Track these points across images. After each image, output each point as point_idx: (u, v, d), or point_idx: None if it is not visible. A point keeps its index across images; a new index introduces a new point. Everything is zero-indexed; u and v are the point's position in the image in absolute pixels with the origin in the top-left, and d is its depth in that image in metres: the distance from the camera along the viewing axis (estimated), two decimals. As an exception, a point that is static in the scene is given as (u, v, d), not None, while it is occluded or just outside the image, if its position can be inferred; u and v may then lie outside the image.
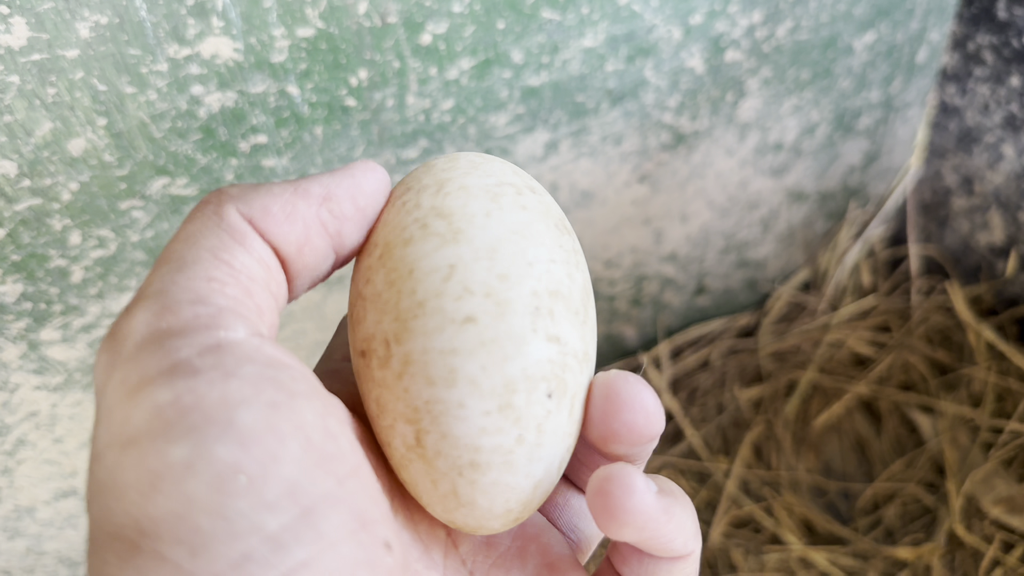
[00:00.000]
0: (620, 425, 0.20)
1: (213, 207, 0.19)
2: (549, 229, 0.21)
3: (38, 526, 0.55)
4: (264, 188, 0.19)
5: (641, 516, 0.18)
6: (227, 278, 0.18)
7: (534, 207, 0.21)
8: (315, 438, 0.16)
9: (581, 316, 0.20)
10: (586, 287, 0.21)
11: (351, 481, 0.17)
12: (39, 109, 0.40)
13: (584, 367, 0.20)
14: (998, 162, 0.72)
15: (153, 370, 0.16)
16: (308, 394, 0.17)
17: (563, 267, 0.20)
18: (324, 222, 0.20)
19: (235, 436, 0.15)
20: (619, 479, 0.18)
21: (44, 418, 0.51)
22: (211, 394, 0.15)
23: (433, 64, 0.49)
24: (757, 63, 0.62)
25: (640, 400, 0.20)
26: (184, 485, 0.15)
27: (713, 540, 0.69)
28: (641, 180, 0.65)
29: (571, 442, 0.21)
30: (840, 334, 0.79)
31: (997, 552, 0.63)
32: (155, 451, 0.15)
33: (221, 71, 0.43)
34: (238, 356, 0.16)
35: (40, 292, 0.46)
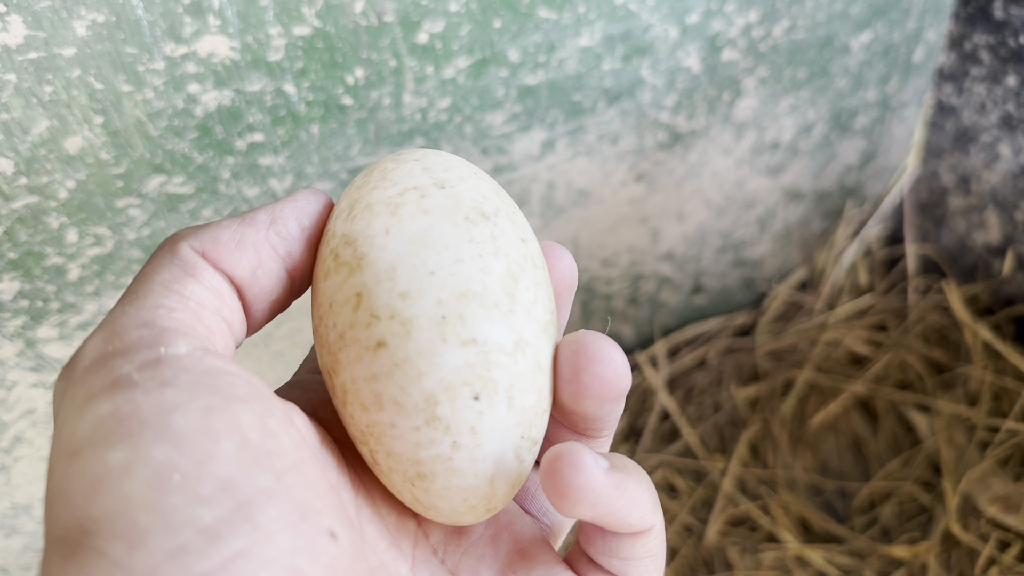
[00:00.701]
0: (591, 378, 0.21)
1: (167, 247, 0.20)
2: (456, 226, 0.21)
3: (35, 524, 0.55)
4: (214, 224, 0.21)
5: (591, 492, 0.19)
6: (176, 305, 0.19)
7: (438, 207, 0.21)
8: (252, 437, 0.17)
9: (505, 305, 0.20)
10: (511, 270, 0.21)
11: (291, 475, 0.17)
12: (36, 107, 0.40)
13: (520, 354, 0.20)
14: (995, 161, 0.72)
15: (97, 386, 0.17)
16: (246, 397, 0.18)
17: (474, 263, 0.20)
18: (273, 245, 0.21)
19: (169, 438, 0.16)
20: (567, 457, 0.19)
21: (41, 415, 0.51)
22: (147, 402, 0.17)
23: (429, 63, 0.49)
24: (754, 62, 0.62)
25: (608, 353, 0.21)
26: (122, 485, 0.16)
27: (709, 538, 0.69)
28: (638, 179, 0.65)
29: (525, 429, 0.21)
30: (837, 333, 0.79)
31: (993, 551, 0.64)
32: (96, 457, 0.16)
33: (218, 69, 0.43)
34: (175, 368, 0.17)
35: (37, 290, 0.46)
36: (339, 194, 0.52)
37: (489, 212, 0.21)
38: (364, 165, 0.51)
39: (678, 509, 0.71)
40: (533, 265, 0.21)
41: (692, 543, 0.69)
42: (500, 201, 0.22)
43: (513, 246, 0.21)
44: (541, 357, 0.21)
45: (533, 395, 0.20)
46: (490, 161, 0.56)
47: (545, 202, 0.61)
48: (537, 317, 0.21)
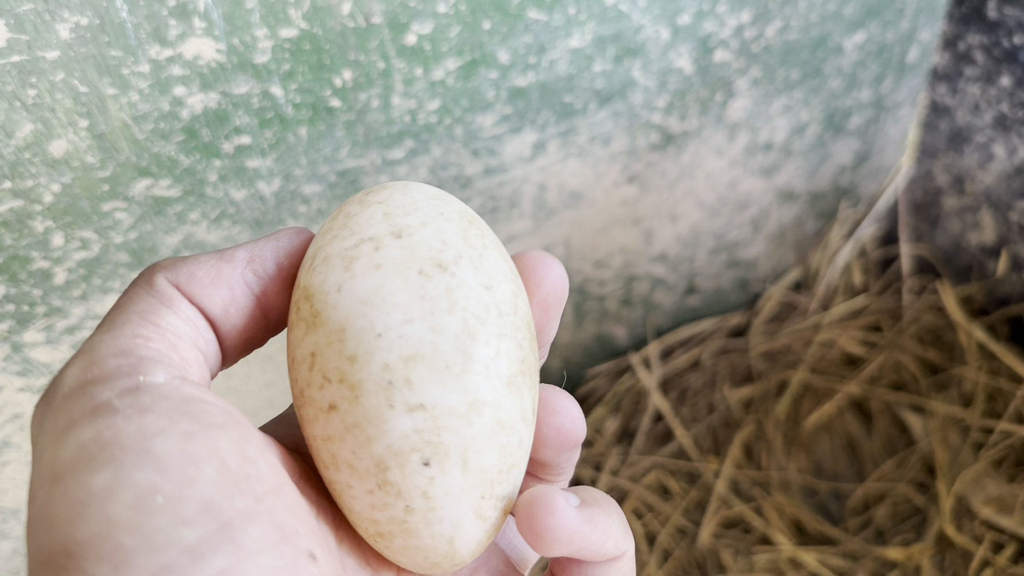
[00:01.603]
0: (548, 429, 0.22)
1: (144, 278, 0.20)
2: (408, 282, 0.20)
3: (23, 528, 0.55)
4: (192, 258, 0.21)
5: (566, 532, 0.20)
6: (153, 335, 0.19)
7: (391, 260, 0.20)
8: (231, 462, 0.17)
9: (458, 365, 0.19)
10: (468, 327, 0.20)
11: (270, 499, 0.18)
12: (20, 111, 0.40)
13: (475, 416, 0.20)
14: (989, 162, 0.71)
15: (78, 413, 0.17)
16: (224, 425, 0.18)
17: (424, 322, 0.19)
18: (248, 283, 0.21)
19: (151, 462, 0.16)
20: (540, 501, 0.20)
21: (28, 420, 0.51)
22: (128, 428, 0.17)
23: (419, 65, 0.48)
24: (746, 63, 0.62)
25: (565, 406, 0.22)
26: (105, 509, 0.16)
27: (703, 540, 0.69)
28: (630, 180, 0.65)
29: (485, 489, 0.20)
30: (831, 334, 0.79)
31: (987, 552, 0.63)
32: (79, 482, 0.16)
33: (204, 72, 0.43)
34: (155, 395, 0.18)
35: (23, 294, 0.46)
36: (327, 197, 0.51)
37: (447, 262, 0.20)
38: (353, 168, 0.51)
39: (671, 511, 0.71)
40: (498, 314, 0.20)
41: (685, 545, 0.69)
42: (465, 245, 0.21)
43: (472, 298, 0.20)
44: (502, 414, 0.20)
45: (493, 455, 0.20)
46: (481, 163, 0.56)
47: (537, 204, 0.61)
48: (499, 372, 0.20)
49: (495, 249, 0.21)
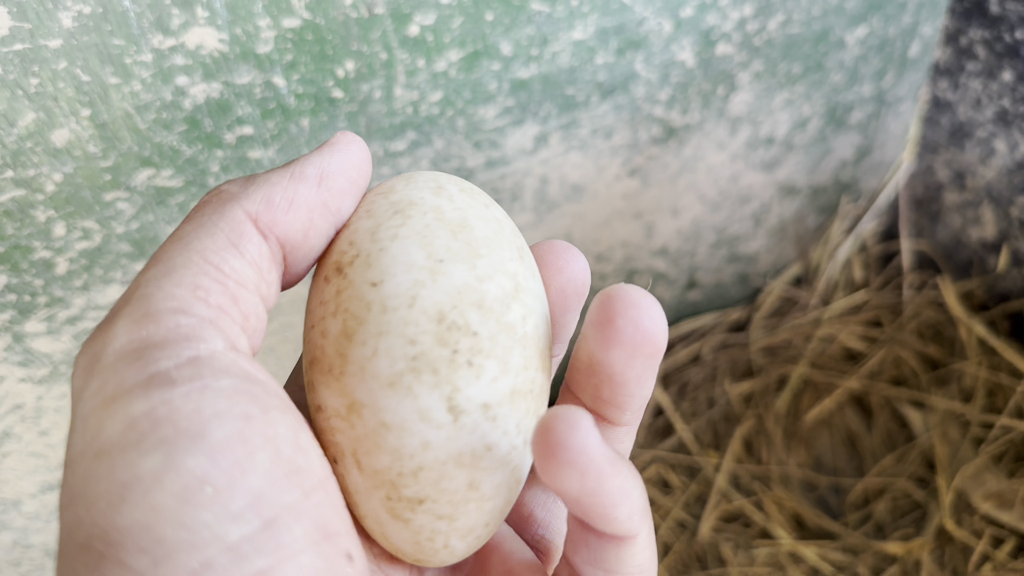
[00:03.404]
0: (625, 322, 0.19)
1: (214, 206, 0.19)
2: (317, 289, 0.21)
3: (24, 519, 0.55)
4: (262, 179, 0.19)
5: (582, 456, 0.17)
6: (214, 285, 0.18)
7: (323, 263, 0.21)
8: (285, 451, 0.17)
9: (337, 367, 0.20)
10: (347, 328, 0.19)
11: (317, 494, 0.17)
12: (22, 99, 0.40)
13: (355, 417, 0.19)
14: (990, 157, 0.71)
15: (130, 381, 0.16)
16: (282, 408, 0.17)
17: (319, 327, 0.20)
18: (325, 202, 0.20)
19: (205, 448, 0.16)
20: (565, 415, 0.17)
21: (29, 411, 0.50)
22: (185, 406, 0.16)
23: (421, 56, 0.48)
24: (748, 57, 0.62)
25: (646, 302, 0.19)
26: (151, 496, 0.15)
27: (703, 534, 0.69)
28: (632, 174, 0.65)
29: (389, 490, 0.20)
30: (831, 329, 0.79)
31: (987, 547, 0.63)
32: (126, 462, 0.15)
33: (206, 62, 0.43)
34: (216, 369, 0.17)
35: (24, 284, 0.46)
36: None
37: (344, 264, 0.20)
38: (355, 159, 0.51)
39: (671, 505, 0.71)
40: (381, 310, 0.19)
41: (685, 539, 0.69)
42: (369, 242, 0.20)
43: (355, 298, 0.19)
44: (385, 416, 0.19)
45: (385, 456, 0.19)
46: (482, 155, 0.56)
47: (538, 197, 0.61)
48: (377, 373, 0.19)
49: (411, 238, 0.20)
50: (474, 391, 0.19)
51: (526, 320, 0.21)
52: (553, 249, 0.22)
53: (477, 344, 0.19)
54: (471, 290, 0.20)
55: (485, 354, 0.19)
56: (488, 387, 0.20)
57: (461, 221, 0.21)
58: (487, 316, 0.20)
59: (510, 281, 0.20)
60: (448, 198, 0.21)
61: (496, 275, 0.20)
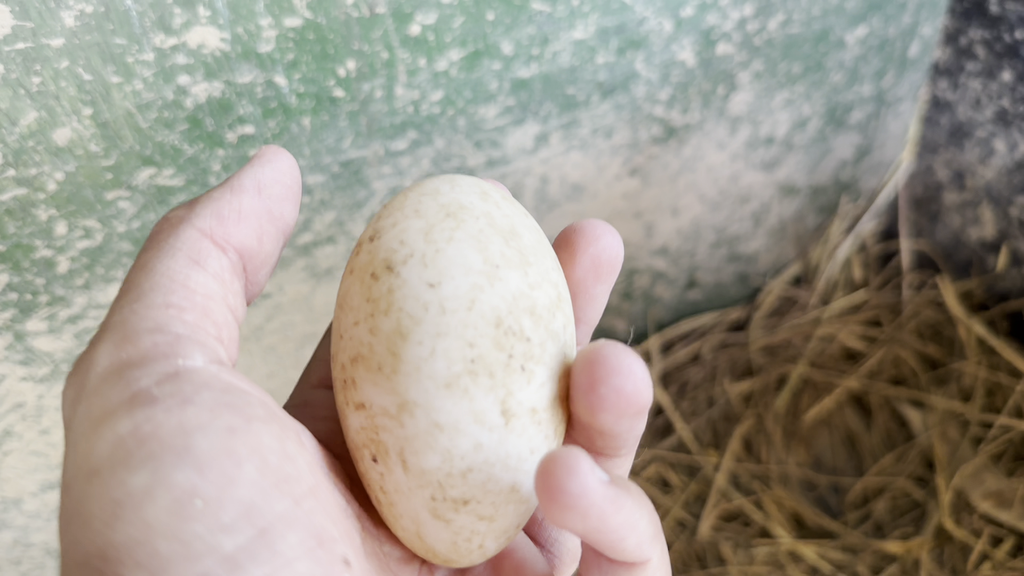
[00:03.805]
0: (608, 390, 0.19)
1: (167, 231, 0.19)
2: (363, 284, 0.20)
3: (25, 518, 0.55)
4: (205, 198, 0.20)
5: (583, 500, 0.17)
6: (184, 302, 0.18)
7: (359, 264, 0.21)
8: (272, 460, 0.17)
9: (388, 366, 0.19)
10: (400, 327, 0.19)
11: (308, 501, 0.17)
12: (24, 98, 0.40)
13: (406, 416, 0.19)
14: (989, 157, 0.72)
15: (114, 401, 0.17)
16: (265, 418, 0.18)
17: (366, 324, 0.20)
18: (269, 209, 0.21)
19: (192, 462, 0.16)
20: (562, 460, 0.17)
21: (30, 409, 0.51)
22: (169, 422, 0.16)
23: (422, 55, 0.48)
24: (748, 56, 0.62)
25: (628, 365, 0.19)
26: (143, 511, 0.15)
27: (702, 533, 0.69)
28: (632, 173, 0.65)
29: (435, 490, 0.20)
30: (831, 328, 0.79)
31: (986, 546, 0.64)
32: (116, 480, 0.16)
33: (208, 61, 0.43)
34: (196, 383, 0.17)
35: (26, 283, 0.46)
36: (329, 188, 0.51)
37: (396, 262, 0.20)
38: (356, 158, 0.51)
39: (671, 504, 0.71)
40: (439, 312, 0.19)
41: (685, 538, 0.69)
42: (423, 242, 0.20)
43: (411, 297, 0.19)
44: (439, 416, 0.19)
45: (435, 456, 0.19)
46: (483, 154, 0.56)
47: (539, 196, 0.61)
48: (434, 373, 0.19)
49: (467, 241, 0.20)
50: (525, 395, 0.20)
51: (566, 329, 0.21)
52: (590, 223, 0.23)
53: (529, 350, 0.20)
54: (524, 297, 0.20)
55: (536, 360, 0.20)
56: (537, 392, 0.20)
57: (511, 228, 0.21)
58: (538, 323, 0.20)
59: (554, 290, 0.21)
60: (495, 205, 0.21)
61: (544, 283, 0.21)
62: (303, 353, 0.59)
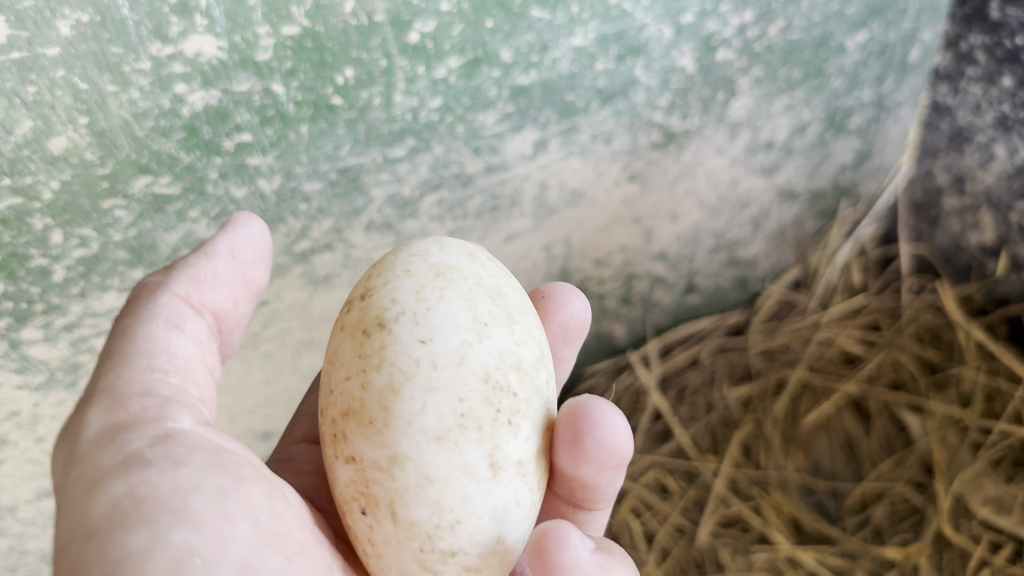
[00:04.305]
0: (592, 443, 0.20)
1: (144, 298, 0.20)
2: (354, 341, 0.21)
3: (20, 525, 0.55)
4: (180, 263, 0.21)
5: (576, 571, 0.19)
6: (168, 366, 0.19)
7: (350, 322, 0.21)
8: (263, 519, 0.17)
9: (380, 420, 0.20)
10: (392, 382, 0.20)
11: (299, 557, 0.18)
12: (19, 108, 0.39)
13: (397, 469, 0.20)
14: (989, 162, 0.71)
15: (108, 464, 0.17)
16: (254, 478, 0.18)
17: (357, 379, 0.20)
18: (243, 272, 0.21)
19: (188, 522, 0.16)
20: (554, 534, 0.19)
21: (26, 417, 0.50)
22: (163, 483, 0.16)
23: (421, 62, 0.48)
24: (748, 62, 0.62)
25: (611, 419, 0.20)
26: (143, 571, 0.16)
27: (701, 540, 0.69)
28: (631, 179, 0.64)
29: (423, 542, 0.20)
30: (830, 333, 0.79)
31: (985, 553, 0.64)
32: (114, 542, 0.16)
33: (205, 69, 0.43)
34: (187, 445, 0.17)
35: (21, 291, 0.45)
36: (327, 195, 0.51)
37: (388, 320, 0.21)
38: (354, 166, 0.51)
39: (670, 510, 0.71)
40: (431, 367, 0.20)
41: (684, 544, 0.69)
42: (415, 300, 0.21)
43: (403, 353, 0.20)
44: (429, 469, 0.20)
45: (425, 509, 0.20)
46: (482, 161, 0.55)
47: (538, 202, 0.61)
48: (425, 427, 0.20)
49: (457, 300, 0.21)
50: (511, 448, 0.21)
51: (548, 384, 0.22)
52: (558, 288, 0.23)
53: (516, 404, 0.21)
54: (511, 353, 0.21)
55: (522, 414, 0.21)
56: (522, 445, 0.21)
57: (497, 288, 0.22)
58: (524, 378, 0.21)
59: (538, 347, 0.22)
60: (481, 265, 0.22)
61: (528, 341, 0.22)
62: (300, 360, 0.59)
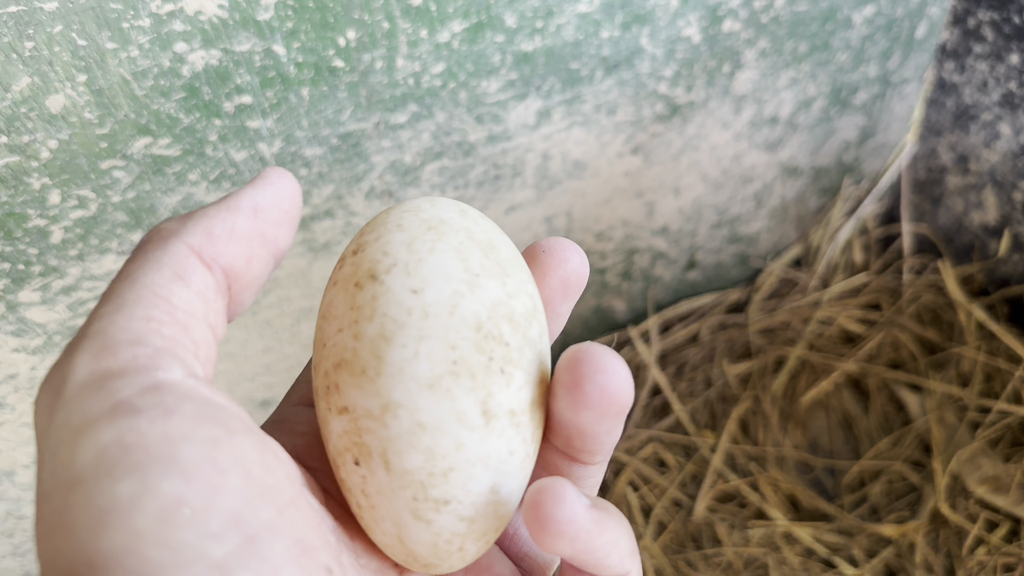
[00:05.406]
0: (593, 387, 0.20)
1: (155, 243, 0.19)
2: (347, 294, 0.21)
3: (17, 490, 0.55)
4: (199, 213, 0.20)
5: (571, 526, 0.19)
6: (165, 316, 0.18)
7: (343, 276, 0.21)
8: (254, 471, 0.17)
9: (372, 369, 0.20)
10: (384, 331, 0.20)
11: (290, 511, 0.18)
12: (16, 63, 0.39)
13: (390, 417, 0.20)
14: (994, 141, 0.71)
15: (95, 410, 0.16)
16: (244, 431, 0.18)
17: (349, 330, 0.20)
18: (262, 232, 0.21)
19: (178, 471, 0.16)
20: (550, 490, 0.19)
21: (23, 381, 0.50)
22: (153, 432, 0.16)
23: (424, 26, 0.48)
24: (755, 34, 0.61)
25: (613, 365, 0.20)
26: (131, 520, 0.15)
27: (698, 514, 0.69)
28: (634, 151, 0.64)
29: (417, 490, 0.20)
30: (830, 311, 0.79)
31: (981, 531, 0.64)
32: (101, 489, 0.16)
33: (205, 28, 0.42)
34: (177, 395, 0.17)
35: (18, 252, 0.45)
36: (328, 161, 0.51)
37: (380, 272, 0.21)
38: (355, 131, 0.50)
39: (667, 484, 0.71)
40: (423, 316, 0.20)
41: (681, 518, 0.69)
42: (406, 252, 0.21)
43: (394, 303, 0.20)
44: (422, 416, 0.20)
45: (418, 456, 0.20)
46: (484, 129, 0.55)
47: (540, 173, 0.60)
48: (417, 374, 0.20)
49: (448, 252, 0.21)
50: (504, 397, 0.21)
51: (541, 338, 0.22)
52: (559, 243, 0.24)
53: (508, 354, 0.21)
54: (503, 304, 0.21)
55: (515, 364, 0.21)
56: (516, 395, 0.21)
57: (489, 242, 0.22)
58: (516, 329, 0.21)
59: (530, 300, 0.22)
60: (474, 221, 0.23)
61: (520, 294, 0.22)
62: (299, 328, 0.59)
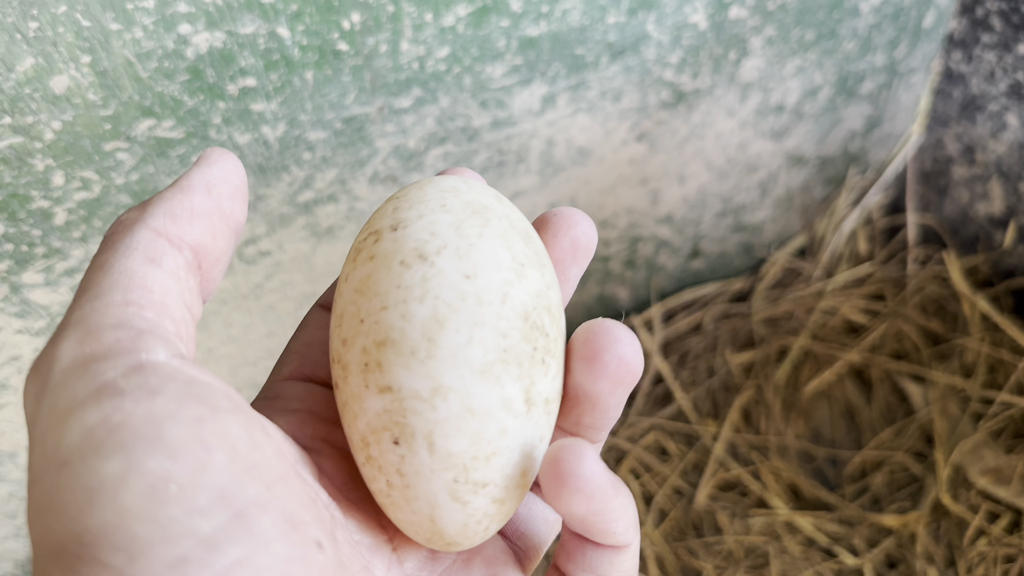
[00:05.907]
0: (612, 357, 0.21)
1: (121, 233, 0.20)
2: (391, 271, 0.21)
3: (20, 471, 0.55)
4: (156, 198, 0.21)
5: (591, 483, 0.20)
6: (143, 299, 0.19)
7: (382, 252, 0.21)
8: (241, 448, 0.17)
9: (423, 351, 0.20)
10: (437, 314, 0.20)
11: (279, 486, 0.18)
12: (20, 43, 0.39)
13: (439, 400, 0.20)
14: (1001, 131, 0.71)
15: (81, 394, 0.17)
16: (231, 409, 0.18)
17: (396, 309, 0.20)
18: (219, 207, 0.21)
19: (164, 449, 0.16)
20: (572, 447, 0.20)
21: (26, 362, 0.50)
22: (138, 411, 0.17)
23: (428, 9, 0.47)
24: (761, 21, 0.61)
25: (627, 336, 0.22)
26: (118, 497, 0.16)
27: (699, 502, 0.69)
28: (639, 139, 0.64)
29: (458, 472, 0.21)
30: (834, 301, 0.78)
31: (982, 522, 0.64)
32: (89, 469, 0.16)
33: (210, 10, 0.42)
34: (161, 376, 0.17)
35: (22, 233, 0.45)
36: (332, 145, 0.50)
37: (429, 252, 0.21)
38: (359, 115, 0.50)
39: (669, 472, 0.71)
40: (476, 302, 0.20)
41: (682, 506, 0.69)
42: (455, 235, 0.21)
43: (448, 286, 0.20)
44: (472, 402, 0.20)
45: (464, 440, 0.20)
46: (489, 115, 0.55)
47: (544, 160, 0.60)
48: (470, 360, 0.20)
49: (496, 238, 0.22)
50: (543, 386, 0.22)
51: (564, 329, 0.23)
52: (566, 210, 0.24)
53: (548, 344, 0.22)
54: (543, 295, 0.22)
55: (552, 354, 0.22)
56: (551, 384, 0.22)
57: (526, 231, 0.23)
58: (553, 320, 0.22)
59: (558, 292, 0.23)
60: (510, 208, 0.23)
61: (554, 285, 0.23)
62: (302, 312, 0.59)
